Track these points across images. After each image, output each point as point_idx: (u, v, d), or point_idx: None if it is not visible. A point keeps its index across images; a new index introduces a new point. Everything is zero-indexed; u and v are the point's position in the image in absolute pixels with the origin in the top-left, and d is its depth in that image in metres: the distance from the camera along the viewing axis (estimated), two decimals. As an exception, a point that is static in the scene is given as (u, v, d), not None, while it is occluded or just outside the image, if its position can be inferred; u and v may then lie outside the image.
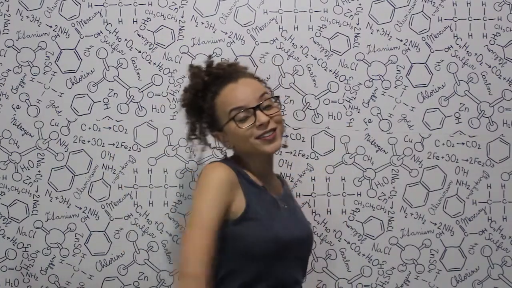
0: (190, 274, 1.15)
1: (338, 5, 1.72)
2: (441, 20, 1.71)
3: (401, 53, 1.71)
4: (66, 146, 1.72)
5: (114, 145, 1.71)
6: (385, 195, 1.70)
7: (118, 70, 1.72)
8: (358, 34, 1.71)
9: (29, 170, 1.72)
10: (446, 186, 1.70)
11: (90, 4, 1.73)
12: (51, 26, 1.73)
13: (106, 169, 1.71)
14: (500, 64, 1.70)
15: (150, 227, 1.71)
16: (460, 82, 1.71)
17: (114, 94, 1.72)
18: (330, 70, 1.71)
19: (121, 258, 1.71)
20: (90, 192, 1.71)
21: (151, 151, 1.71)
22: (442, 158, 1.70)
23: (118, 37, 1.72)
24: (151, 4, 1.73)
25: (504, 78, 1.70)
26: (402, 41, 1.71)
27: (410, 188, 1.70)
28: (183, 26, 1.72)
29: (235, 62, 1.48)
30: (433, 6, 1.71)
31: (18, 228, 1.72)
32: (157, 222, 1.71)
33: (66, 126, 1.72)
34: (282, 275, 1.28)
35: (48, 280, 1.71)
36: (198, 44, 1.72)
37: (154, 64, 1.72)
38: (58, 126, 1.72)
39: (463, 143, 1.70)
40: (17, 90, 1.73)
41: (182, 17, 1.72)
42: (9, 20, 1.74)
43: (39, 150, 1.72)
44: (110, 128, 1.72)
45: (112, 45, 1.72)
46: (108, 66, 1.72)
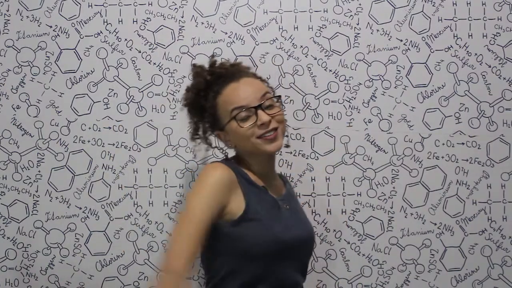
0: (171, 269, 1.16)
1: (338, 5, 1.72)
2: (441, 20, 1.71)
3: (401, 53, 1.71)
4: (66, 146, 1.72)
5: (114, 145, 1.71)
6: (385, 195, 1.70)
7: (118, 70, 1.72)
8: (358, 34, 1.71)
9: (29, 170, 1.72)
10: (446, 186, 1.70)
11: (90, 4, 1.73)
12: (51, 26, 1.73)
13: (106, 169, 1.71)
14: (500, 64, 1.70)
15: (150, 227, 1.70)
16: (460, 82, 1.71)
17: (114, 94, 1.72)
18: (330, 70, 1.71)
19: (121, 258, 1.71)
20: (90, 192, 1.71)
21: (151, 151, 1.71)
22: (442, 158, 1.70)
23: (118, 37, 1.72)
24: (151, 4, 1.73)
25: (504, 78, 1.70)
26: (402, 41, 1.71)
27: (410, 188, 1.70)
28: (183, 26, 1.72)
29: (238, 62, 1.48)
30: (433, 6, 1.71)
31: (18, 228, 1.72)
32: (157, 222, 1.71)
33: (66, 126, 1.72)
34: (282, 276, 1.28)
35: (48, 280, 1.71)
36: (198, 44, 1.72)
37: (154, 64, 1.72)
38: (58, 126, 1.72)
39: (463, 143, 1.70)
40: (17, 90, 1.73)
41: (182, 17, 1.72)
42: (9, 20, 1.74)
43: (39, 150, 1.72)
44: (110, 128, 1.72)
45: (112, 45, 1.72)
46: (108, 66, 1.72)
